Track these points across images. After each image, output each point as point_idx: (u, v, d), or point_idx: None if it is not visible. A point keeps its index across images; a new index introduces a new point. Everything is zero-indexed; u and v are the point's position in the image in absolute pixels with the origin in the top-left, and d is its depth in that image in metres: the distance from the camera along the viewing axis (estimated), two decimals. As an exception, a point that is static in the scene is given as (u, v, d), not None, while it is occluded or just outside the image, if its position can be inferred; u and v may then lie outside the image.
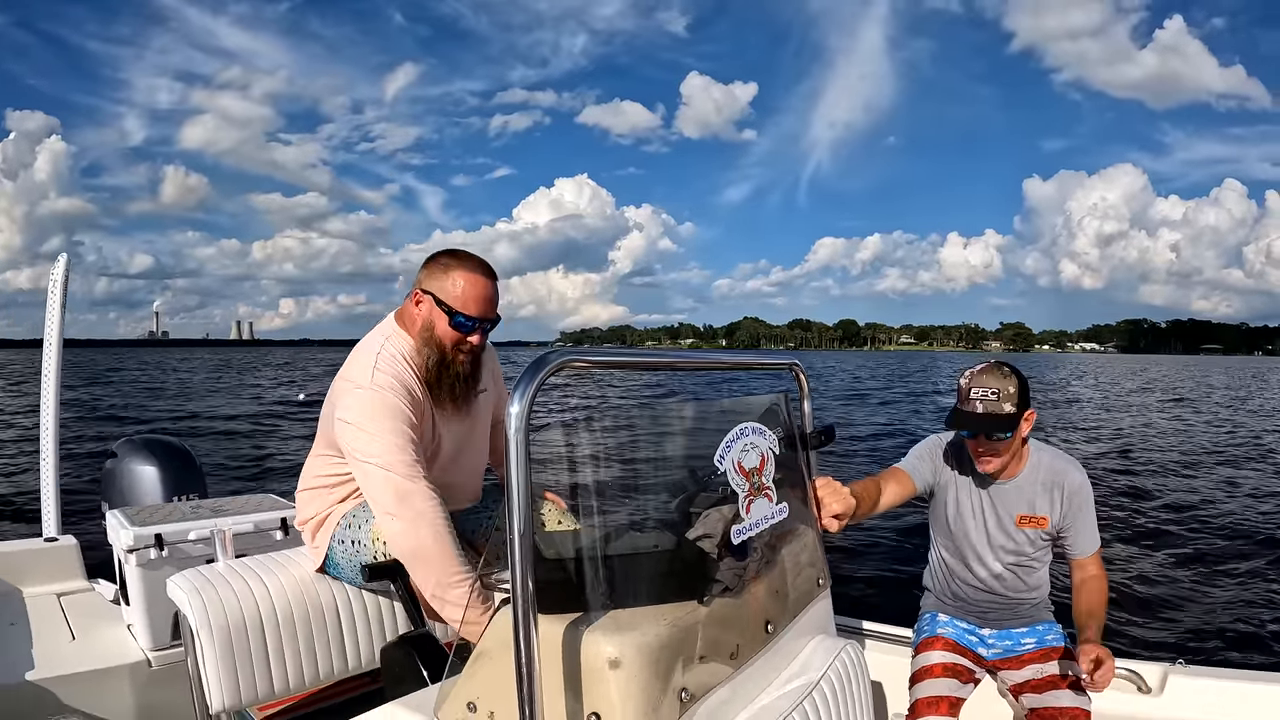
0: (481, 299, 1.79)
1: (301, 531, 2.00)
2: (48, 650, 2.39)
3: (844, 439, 12.78)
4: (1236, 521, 7.91)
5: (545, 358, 0.96)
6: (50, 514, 3.24)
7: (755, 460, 1.25)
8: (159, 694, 2.36)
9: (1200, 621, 4.99)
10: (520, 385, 0.92)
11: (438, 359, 1.80)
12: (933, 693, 1.95)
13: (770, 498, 1.28)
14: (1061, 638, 2.06)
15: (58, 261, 3.34)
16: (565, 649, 1.01)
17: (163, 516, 2.51)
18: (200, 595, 1.79)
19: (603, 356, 1.07)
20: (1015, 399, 1.87)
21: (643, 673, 1.00)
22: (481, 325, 1.82)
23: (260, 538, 2.47)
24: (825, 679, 1.33)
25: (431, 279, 1.81)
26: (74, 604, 2.80)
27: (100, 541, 2.68)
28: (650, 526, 1.24)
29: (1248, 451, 13.77)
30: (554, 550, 1.11)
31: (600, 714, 0.99)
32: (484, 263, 1.84)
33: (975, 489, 2.05)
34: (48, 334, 3.29)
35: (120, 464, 3.08)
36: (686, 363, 1.32)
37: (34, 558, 2.95)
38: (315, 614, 1.91)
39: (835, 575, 1.61)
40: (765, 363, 1.67)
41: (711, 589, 1.15)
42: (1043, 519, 1.99)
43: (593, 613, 1.04)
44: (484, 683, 1.09)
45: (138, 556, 2.35)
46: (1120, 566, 6.19)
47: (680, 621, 1.08)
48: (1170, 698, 1.98)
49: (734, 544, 1.18)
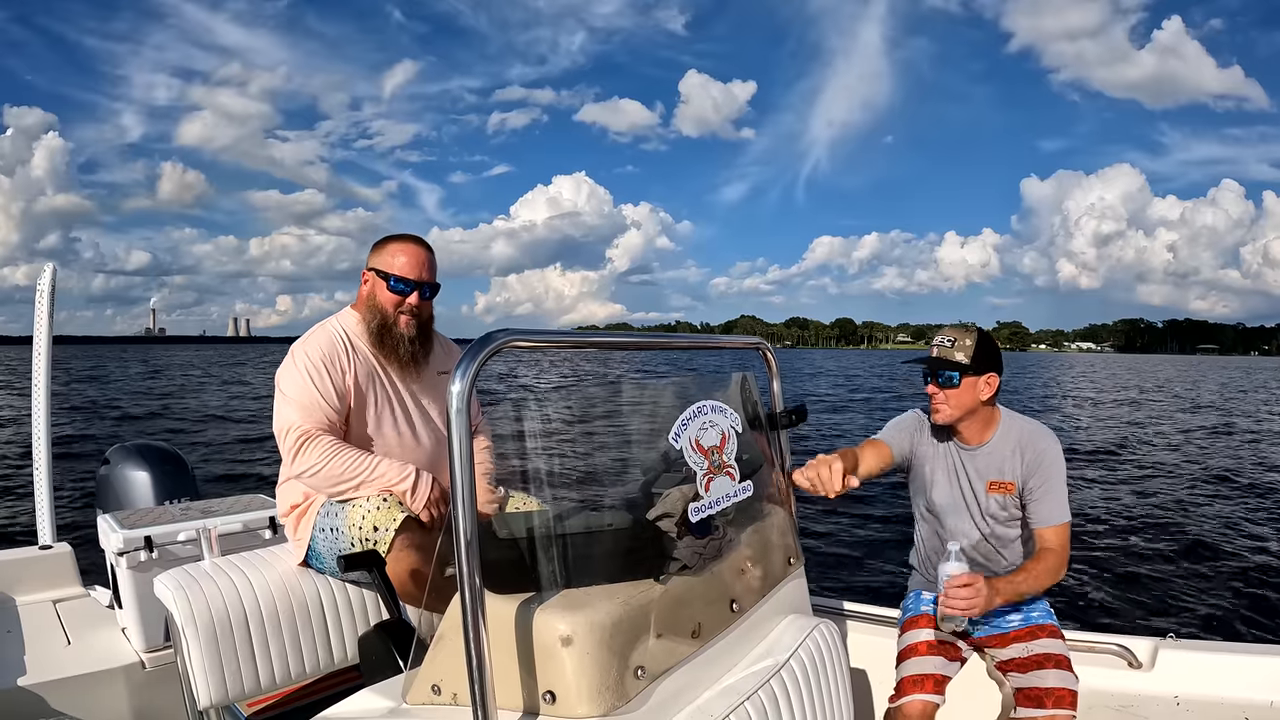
0: (414, 264, 1.99)
1: (285, 525, 2.02)
2: (42, 655, 2.41)
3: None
4: (1223, 501, 7.92)
5: (489, 336, 0.96)
6: (45, 522, 3.26)
7: (715, 438, 1.25)
8: (153, 695, 2.38)
9: (1189, 597, 5.00)
10: (462, 364, 0.92)
11: (379, 322, 1.99)
12: (919, 670, 1.95)
13: (732, 476, 1.28)
14: (1047, 615, 2.05)
15: (44, 271, 3.36)
16: (518, 628, 1.01)
17: (152, 519, 2.52)
18: (185, 593, 1.81)
19: (550, 337, 1.07)
20: (970, 352, 1.95)
21: (596, 649, 1.00)
22: (419, 287, 1.99)
23: (249, 537, 2.48)
24: (795, 658, 1.32)
25: (373, 258, 2.03)
26: (69, 610, 2.82)
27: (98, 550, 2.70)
28: (609, 506, 1.24)
29: (1239, 441, 13.82)
30: (507, 530, 1.11)
31: (555, 692, 1.00)
32: (417, 237, 2.07)
33: (950, 458, 2.08)
34: (36, 342, 3.30)
35: (113, 470, 3.10)
36: (640, 343, 1.32)
37: (29, 566, 2.97)
38: (299, 608, 1.92)
39: (820, 558, 1.61)
40: (731, 342, 1.66)
41: (669, 567, 1.15)
42: (1010, 484, 2.00)
43: (545, 592, 1.05)
44: (445, 665, 1.09)
45: (128, 559, 2.37)
46: (1111, 544, 6.19)
47: (635, 599, 1.08)
48: (1161, 672, 1.97)
49: (693, 522, 1.18)
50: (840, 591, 2.55)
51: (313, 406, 1.87)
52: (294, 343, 1.99)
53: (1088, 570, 5.47)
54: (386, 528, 1.80)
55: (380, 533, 1.80)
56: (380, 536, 1.80)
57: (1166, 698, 1.94)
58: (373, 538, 1.80)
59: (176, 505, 2.79)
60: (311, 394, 1.87)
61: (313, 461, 1.83)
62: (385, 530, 1.80)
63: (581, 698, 0.99)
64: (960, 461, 2.06)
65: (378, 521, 1.81)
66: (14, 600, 2.84)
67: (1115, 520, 7.06)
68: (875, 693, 2.16)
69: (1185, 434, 15.26)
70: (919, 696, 1.91)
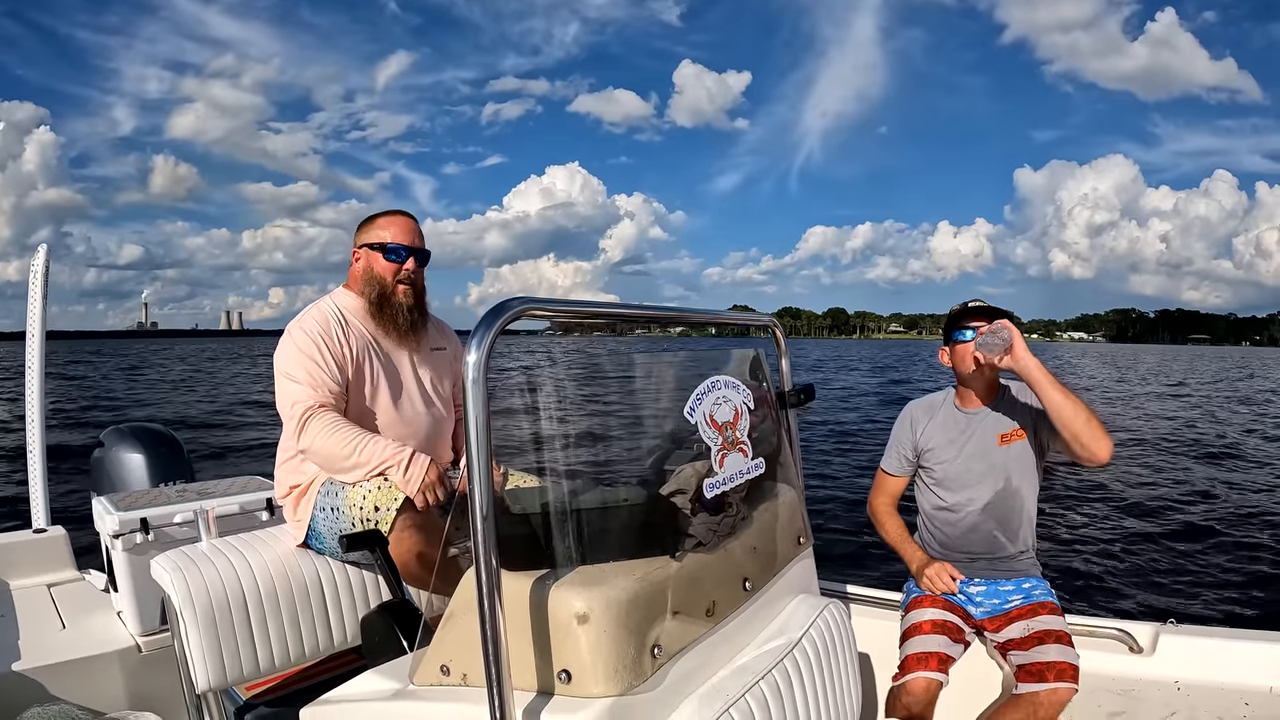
0: (405, 232, 2.04)
1: (283, 507, 1.99)
2: (36, 640, 2.38)
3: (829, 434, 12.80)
4: (1224, 488, 7.99)
5: (504, 304, 0.93)
6: (39, 505, 3.23)
7: (729, 414, 1.23)
8: (149, 678, 2.35)
9: (1190, 583, 5.04)
10: (477, 332, 0.89)
11: (378, 293, 2.01)
12: (923, 649, 1.96)
13: (745, 453, 1.26)
14: (1048, 593, 2.06)
15: (38, 252, 3.32)
16: (533, 606, 0.99)
17: (148, 501, 2.49)
18: (183, 574, 1.78)
19: (564, 305, 1.04)
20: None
21: (612, 627, 0.98)
22: (414, 253, 2.03)
23: (246, 519, 2.46)
24: (807, 638, 1.31)
25: (362, 235, 2.07)
26: (64, 594, 2.79)
27: (92, 532, 2.67)
28: (622, 482, 1.22)
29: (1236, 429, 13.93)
30: (520, 506, 1.09)
31: (570, 670, 0.98)
32: (401, 209, 2.14)
33: (952, 425, 2.15)
34: (30, 325, 3.27)
35: (108, 453, 3.06)
36: (654, 314, 1.30)
37: (23, 549, 2.94)
38: (299, 589, 1.90)
39: (823, 540, 1.60)
40: (742, 319, 1.64)
41: (684, 544, 1.14)
42: (1020, 430, 2.07)
43: (560, 569, 1.02)
44: (454, 645, 1.07)
45: (124, 541, 2.34)
46: (1111, 529, 6.24)
47: (651, 576, 1.06)
48: (1162, 657, 1.98)
49: (707, 498, 1.16)
50: (841, 573, 2.55)
51: (315, 382, 1.86)
52: (289, 323, 1.98)
53: (1088, 555, 5.51)
54: (388, 507, 1.78)
55: (381, 512, 1.78)
56: (381, 516, 1.77)
57: (1167, 682, 1.94)
58: (374, 518, 1.78)
59: (172, 487, 2.76)
60: (313, 369, 1.87)
61: (311, 438, 1.83)
62: (387, 510, 1.77)
63: (598, 677, 0.97)
64: (966, 425, 2.12)
65: (379, 501, 1.79)
66: (8, 584, 2.81)
67: (1114, 504, 7.11)
68: (877, 674, 2.16)
69: (1180, 420, 15.35)
70: (923, 674, 1.91)
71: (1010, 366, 1.93)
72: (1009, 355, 1.92)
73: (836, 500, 6.82)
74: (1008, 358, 1.92)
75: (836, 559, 4.96)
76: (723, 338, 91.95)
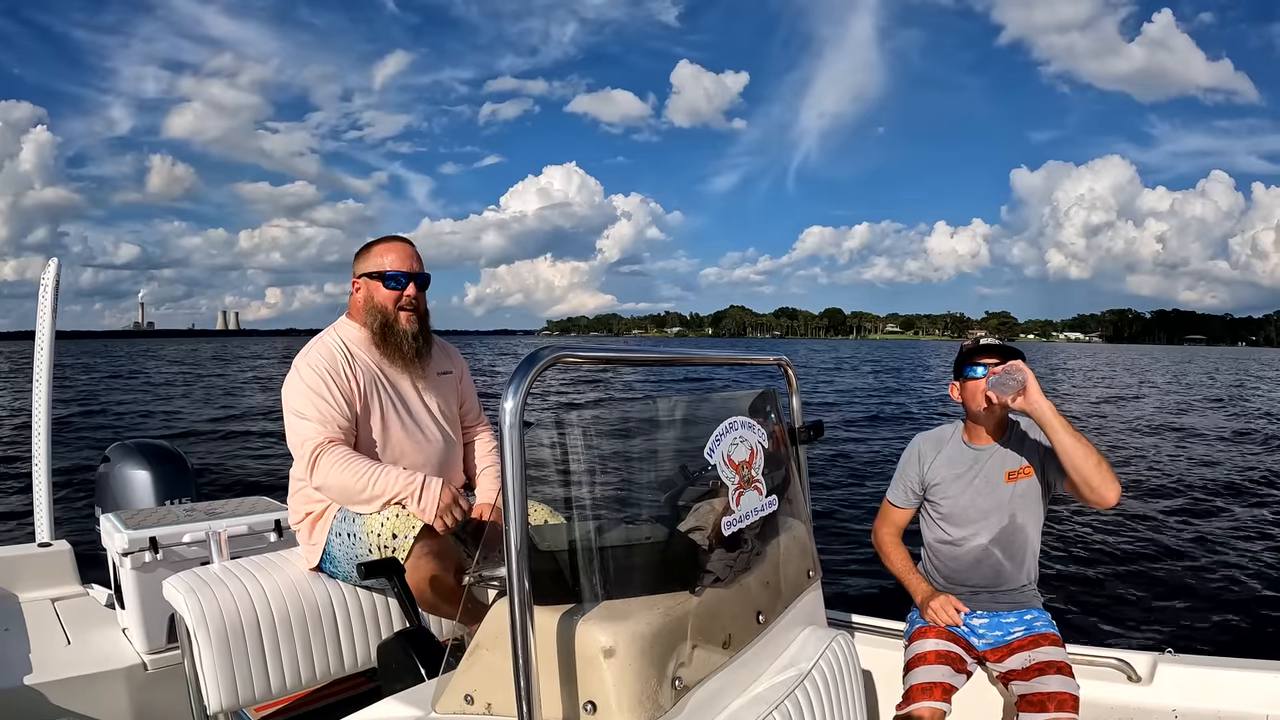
0: (404, 258, 2.05)
1: (296, 532, 2.01)
2: (43, 655, 2.39)
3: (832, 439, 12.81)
4: (1221, 514, 8.01)
5: (538, 353, 0.98)
6: (43, 519, 3.23)
7: (745, 454, 1.27)
8: (155, 696, 2.36)
9: (1188, 612, 5.05)
10: (514, 380, 0.93)
11: (381, 322, 2.02)
12: (927, 679, 1.98)
13: (760, 490, 1.31)
14: (1049, 625, 2.08)
15: (49, 266, 3.32)
16: (560, 639, 1.03)
17: (157, 520, 2.51)
18: (197, 596, 1.80)
19: (596, 351, 1.09)
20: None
21: (637, 661, 1.02)
22: (414, 278, 2.04)
23: (254, 540, 2.47)
24: (817, 669, 1.35)
25: (360, 264, 2.07)
26: (68, 609, 2.80)
27: (95, 546, 2.67)
28: (641, 519, 1.26)
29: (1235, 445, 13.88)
30: (547, 543, 1.13)
31: (596, 702, 1.01)
32: (398, 235, 2.13)
33: (960, 460, 2.16)
34: (39, 338, 3.26)
35: (113, 468, 3.07)
36: (676, 358, 1.35)
37: (28, 563, 2.94)
38: (311, 613, 1.92)
39: (827, 570, 1.64)
40: (755, 359, 1.69)
41: (703, 579, 1.17)
42: (1028, 468, 2.09)
43: (586, 603, 1.06)
44: (480, 675, 1.10)
45: (133, 560, 2.35)
46: (1107, 558, 6.26)
47: (673, 611, 1.10)
48: (1159, 686, 2.00)
49: (725, 535, 1.20)
50: (844, 598, 2.57)
51: (324, 418, 1.88)
52: (295, 358, 2.00)
53: (1084, 585, 5.52)
54: (405, 535, 1.80)
55: (399, 540, 1.80)
56: (399, 544, 1.80)
57: (1165, 711, 1.97)
58: (391, 545, 1.80)
59: (179, 506, 2.77)
60: (321, 405, 1.89)
61: (324, 474, 1.85)
62: (404, 537, 1.80)
63: (623, 708, 1.00)
64: (974, 461, 2.14)
65: (396, 529, 1.81)
66: (15, 597, 2.81)
67: (1110, 533, 7.11)
68: (881, 702, 2.19)
69: (1178, 433, 15.26)
70: (928, 704, 1.94)
71: (1024, 409, 1.95)
72: (1022, 397, 1.93)
73: (834, 533, 6.80)
74: (1020, 399, 1.94)
75: (842, 588, 4.96)
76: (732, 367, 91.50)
